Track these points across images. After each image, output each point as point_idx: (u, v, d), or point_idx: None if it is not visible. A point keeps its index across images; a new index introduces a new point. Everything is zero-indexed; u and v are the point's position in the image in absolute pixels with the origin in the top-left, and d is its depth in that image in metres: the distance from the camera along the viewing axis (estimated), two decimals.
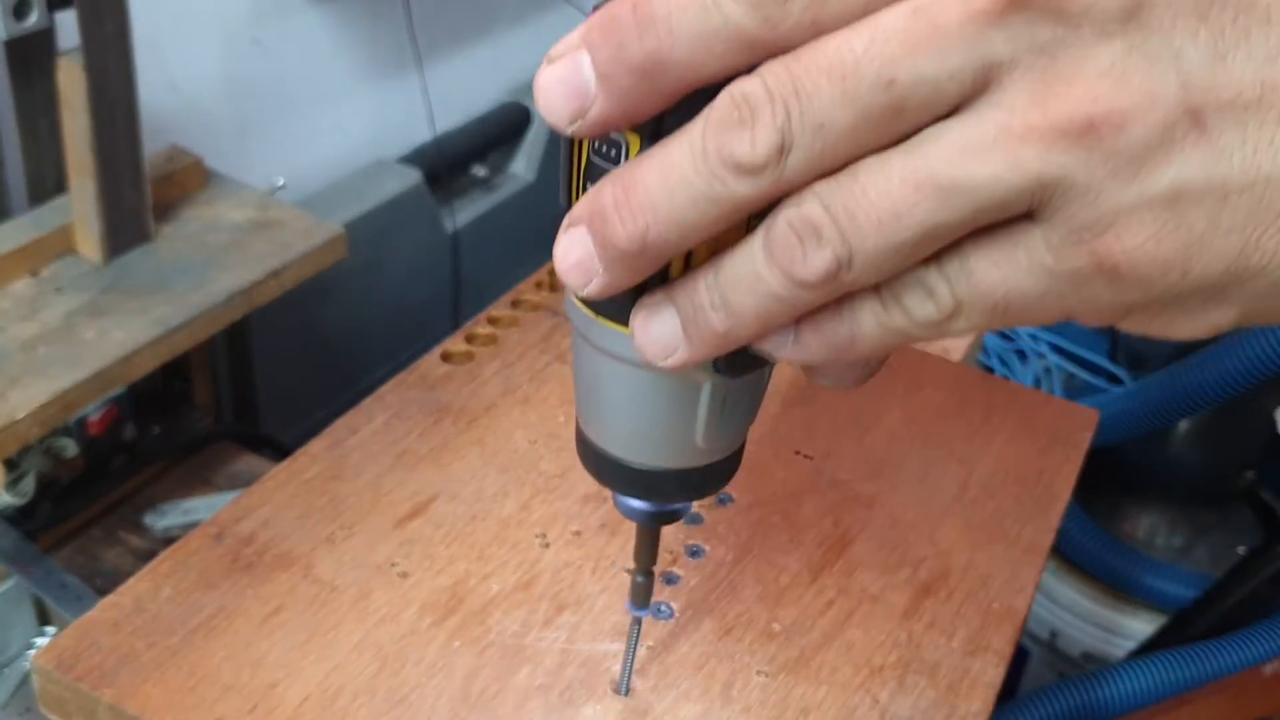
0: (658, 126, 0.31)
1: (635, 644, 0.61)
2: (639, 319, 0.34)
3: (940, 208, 0.27)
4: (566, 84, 0.30)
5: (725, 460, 0.46)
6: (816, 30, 0.27)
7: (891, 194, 0.27)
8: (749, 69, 0.28)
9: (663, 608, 0.66)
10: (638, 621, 0.60)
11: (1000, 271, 0.28)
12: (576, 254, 0.32)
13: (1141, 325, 0.29)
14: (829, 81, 0.26)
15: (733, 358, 0.37)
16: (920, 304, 0.29)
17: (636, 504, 0.49)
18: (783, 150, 0.27)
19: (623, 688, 0.61)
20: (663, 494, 0.46)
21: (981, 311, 0.29)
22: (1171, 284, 0.27)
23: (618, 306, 0.37)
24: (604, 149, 0.34)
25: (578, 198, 0.35)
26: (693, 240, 0.30)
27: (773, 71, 0.27)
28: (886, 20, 0.26)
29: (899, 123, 0.27)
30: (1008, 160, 0.26)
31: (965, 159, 0.27)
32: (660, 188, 0.29)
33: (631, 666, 0.61)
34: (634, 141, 0.33)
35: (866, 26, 0.26)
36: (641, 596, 0.57)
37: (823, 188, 0.28)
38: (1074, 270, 0.27)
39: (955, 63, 0.26)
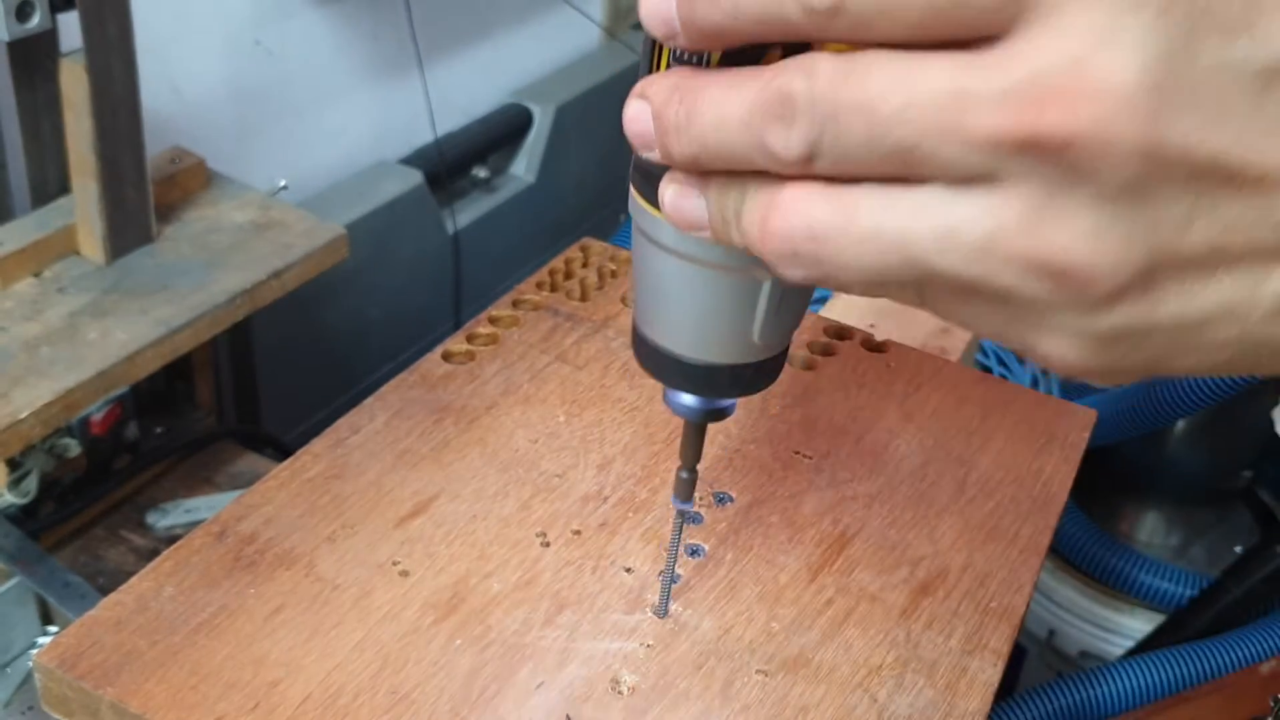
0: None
1: (677, 547, 0.62)
2: (668, 194, 0.37)
3: (899, 263, 0.31)
4: (658, 15, 0.34)
5: (774, 358, 0.49)
6: (862, 38, 0.30)
7: (872, 238, 0.31)
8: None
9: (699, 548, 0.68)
10: (681, 515, 0.62)
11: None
12: (640, 126, 0.35)
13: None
14: (862, 123, 0.29)
15: None
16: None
17: (689, 401, 0.52)
18: (810, 157, 0.31)
19: (662, 609, 0.64)
20: (717, 389, 0.49)
21: None
22: (1078, 375, 0.32)
23: None
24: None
25: (656, 66, 0.40)
26: (738, 165, 0.33)
27: (820, 86, 0.30)
28: (926, 86, 0.29)
29: (909, 172, 0.30)
30: (984, 264, 0.30)
31: (946, 242, 0.30)
32: (713, 125, 0.33)
33: (671, 579, 0.63)
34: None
35: (907, 82, 0.29)
36: (685, 491, 0.60)
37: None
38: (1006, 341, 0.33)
39: (972, 160, 0.29)
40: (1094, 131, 0.27)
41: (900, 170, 0.30)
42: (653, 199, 0.41)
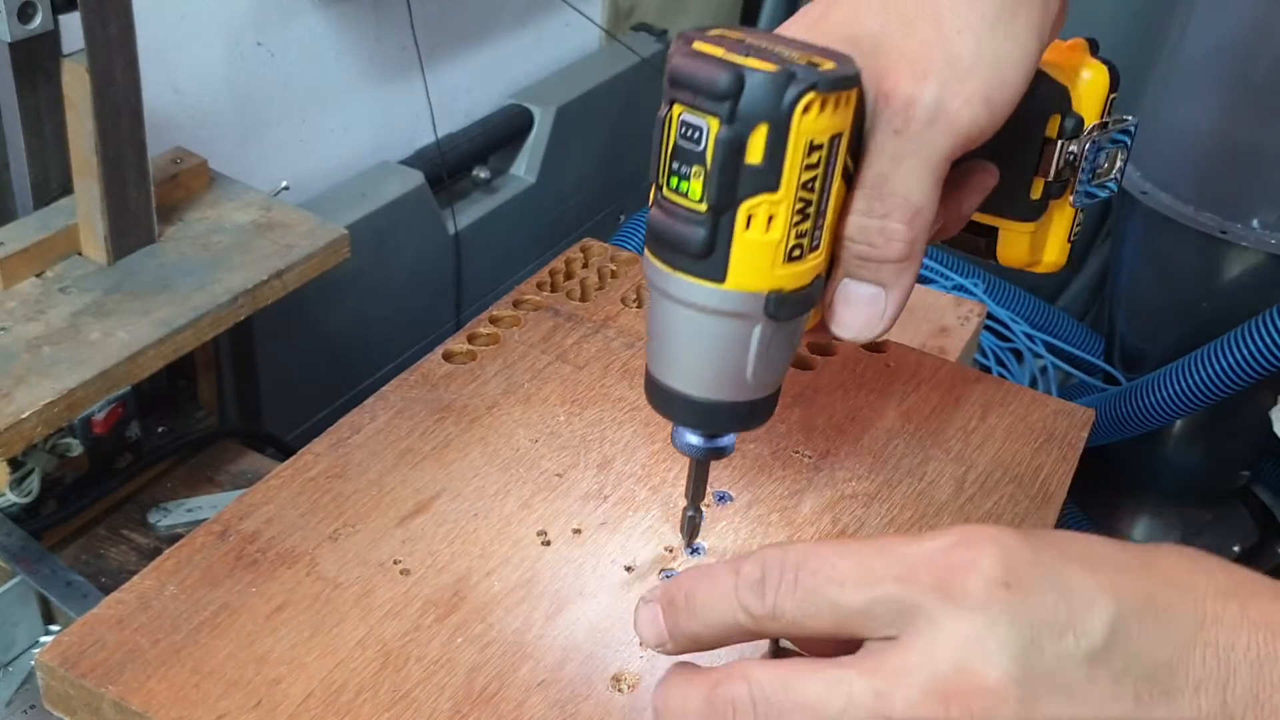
0: None
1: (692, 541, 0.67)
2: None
3: None
4: (651, 630, 0.46)
5: (767, 398, 0.55)
6: (795, 635, 0.41)
7: None
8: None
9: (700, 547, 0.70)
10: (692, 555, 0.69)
11: None
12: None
13: None
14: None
15: (780, 305, 0.50)
16: None
17: (693, 440, 0.57)
18: None
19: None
20: (718, 424, 0.56)
21: None
22: None
23: (690, 262, 0.49)
24: (688, 133, 0.47)
25: (664, 176, 0.48)
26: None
27: (762, 692, 0.40)
28: (856, 689, 0.38)
29: None
30: None
31: None
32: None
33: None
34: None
35: (840, 688, 0.39)
36: (693, 531, 0.66)
37: None
38: None
39: None
40: (985, 716, 0.37)
41: None
42: (663, 257, 0.50)
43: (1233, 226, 1.53)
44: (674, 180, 0.48)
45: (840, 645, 0.41)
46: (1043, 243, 0.60)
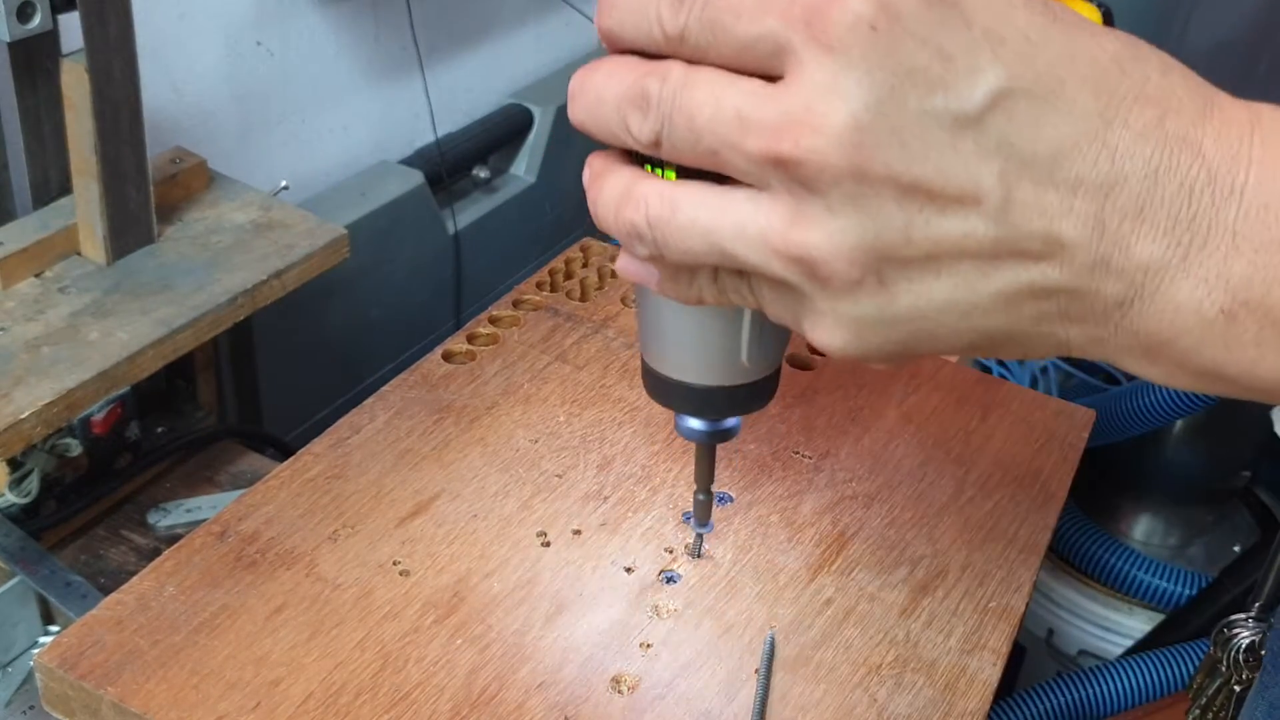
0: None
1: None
2: (621, 259, 0.45)
3: (706, 248, 0.39)
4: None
5: (766, 379, 0.55)
6: (703, 60, 0.39)
7: (689, 226, 0.40)
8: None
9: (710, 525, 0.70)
10: (699, 538, 0.70)
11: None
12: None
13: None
14: (685, 125, 0.38)
15: None
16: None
17: (696, 425, 0.58)
18: (657, 144, 0.39)
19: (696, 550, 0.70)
20: (717, 409, 0.56)
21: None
22: (852, 357, 0.40)
23: None
24: None
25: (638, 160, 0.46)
26: (613, 140, 0.43)
27: (668, 89, 0.39)
28: (727, 104, 0.37)
29: (721, 170, 0.39)
30: (761, 254, 0.38)
31: (737, 235, 0.39)
32: (595, 102, 0.42)
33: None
34: None
35: (716, 99, 0.38)
36: (703, 513, 0.66)
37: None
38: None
39: (750, 170, 0.38)
40: (812, 157, 0.36)
41: (715, 168, 0.38)
42: None
43: None
44: (648, 166, 0.48)
45: None
46: None
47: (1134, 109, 0.36)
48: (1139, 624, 1.47)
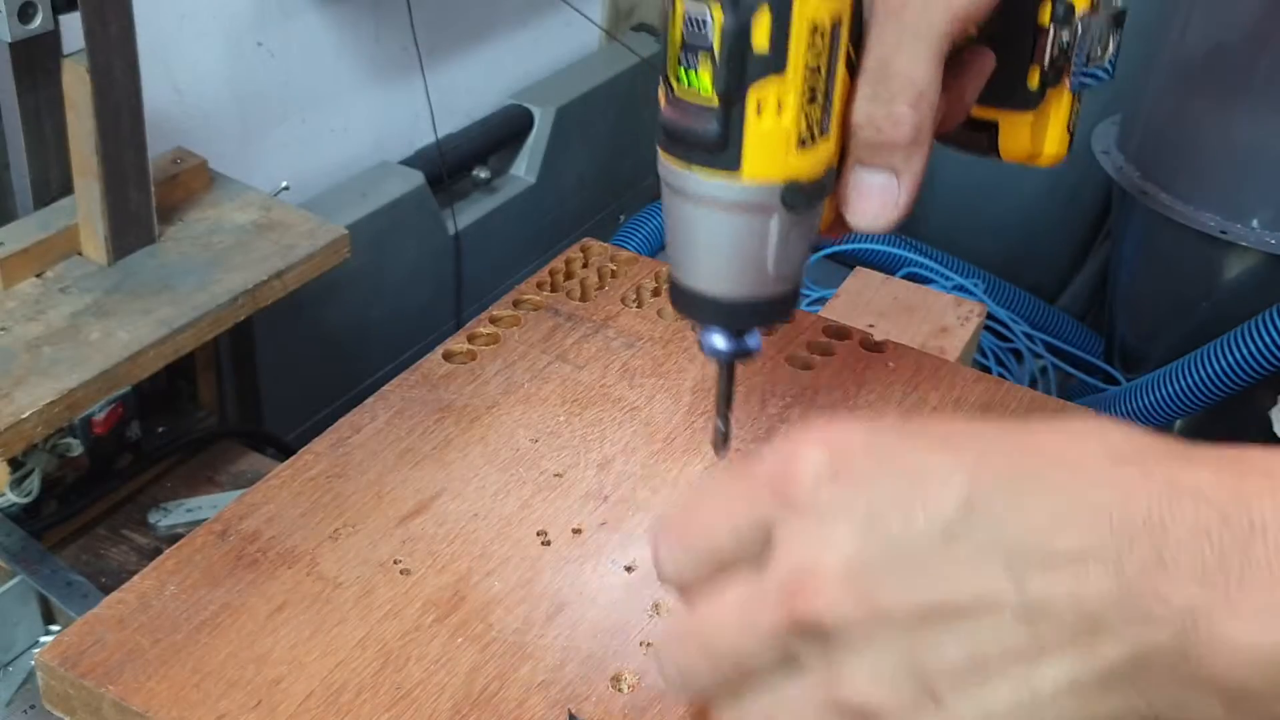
0: None
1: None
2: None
3: None
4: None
5: (787, 293, 0.56)
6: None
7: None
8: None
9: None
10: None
11: None
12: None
13: None
14: (709, 664, 0.40)
15: (795, 195, 0.51)
16: None
17: (719, 344, 0.58)
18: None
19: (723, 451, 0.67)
20: (741, 320, 0.57)
21: None
22: None
23: (705, 155, 0.50)
24: (694, 26, 0.48)
25: (673, 72, 0.50)
26: None
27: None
28: (727, 615, 0.39)
29: (745, 671, 0.39)
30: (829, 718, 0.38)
31: None
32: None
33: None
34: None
35: (719, 621, 0.39)
36: (720, 441, 0.66)
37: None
38: None
39: (770, 654, 0.38)
40: (828, 610, 0.36)
41: (745, 676, 0.39)
42: (679, 155, 0.51)
43: (1232, 226, 1.53)
44: (683, 74, 0.50)
45: None
46: (1043, 132, 0.62)
47: (1111, 469, 0.35)
48: None
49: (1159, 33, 1.58)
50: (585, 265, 0.94)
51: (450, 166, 1.55)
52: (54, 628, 0.89)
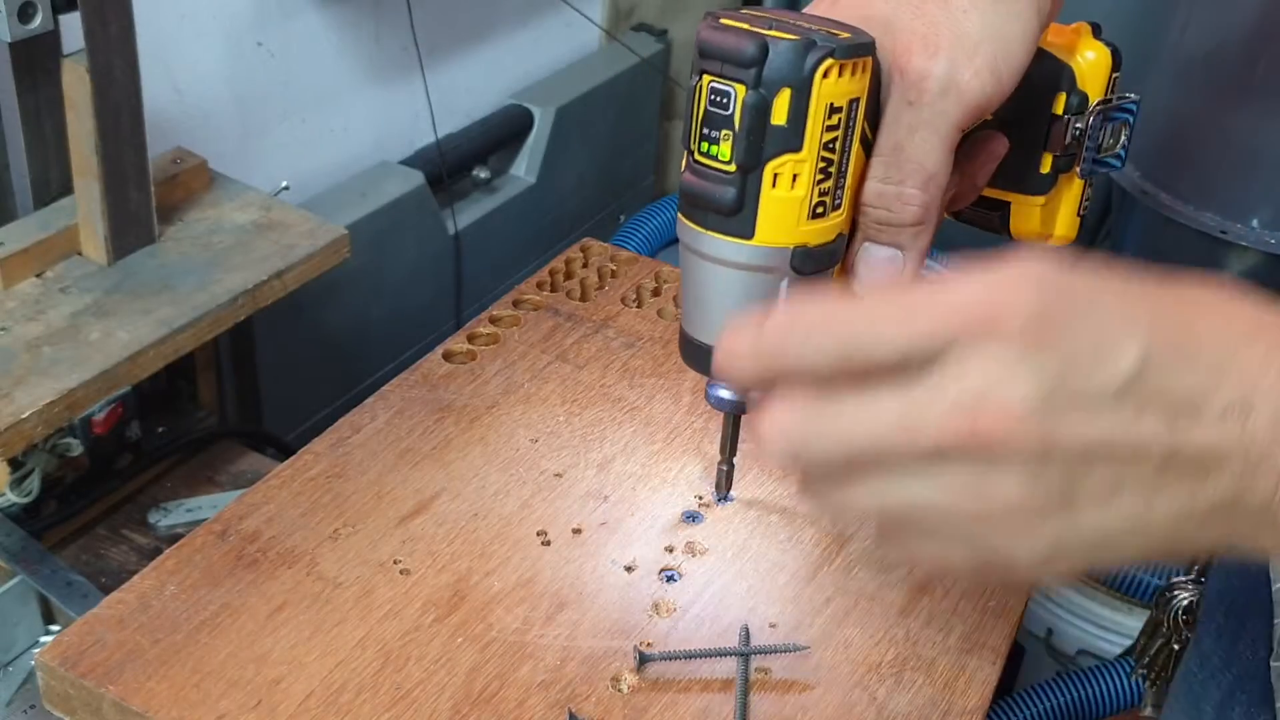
0: None
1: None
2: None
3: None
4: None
5: None
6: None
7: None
8: None
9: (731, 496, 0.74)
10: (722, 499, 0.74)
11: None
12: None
13: None
14: (845, 454, 0.43)
15: (805, 259, 0.53)
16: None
17: (725, 395, 0.60)
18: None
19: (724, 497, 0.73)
20: None
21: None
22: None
23: (720, 220, 0.53)
24: (718, 99, 0.51)
25: (695, 141, 0.52)
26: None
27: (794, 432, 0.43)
28: (885, 419, 0.41)
29: (880, 467, 0.43)
30: (975, 504, 0.42)
31: (947, 509, 0.42)
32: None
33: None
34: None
35: (875, 419, 0.42)
36: (725, 482, 0.69)
37: None
38: None
39: (918, 465, 0.42)
40: (1008, 437, 0.40)
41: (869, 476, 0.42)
42: (695, 218, 0.54)
43: (1233, 226, 1.52)
44: (705, 145, 0.52)
45: None
46: (1054, 215, 0.64)
47: (1243, 345, 0.42)
48: (1139, 624, 1.46)
49: (1159, 33, 1.58)
50: (585, 265, 0.94)
51: (450, 166, 1.55)
52: (54, 628, 0.89)
